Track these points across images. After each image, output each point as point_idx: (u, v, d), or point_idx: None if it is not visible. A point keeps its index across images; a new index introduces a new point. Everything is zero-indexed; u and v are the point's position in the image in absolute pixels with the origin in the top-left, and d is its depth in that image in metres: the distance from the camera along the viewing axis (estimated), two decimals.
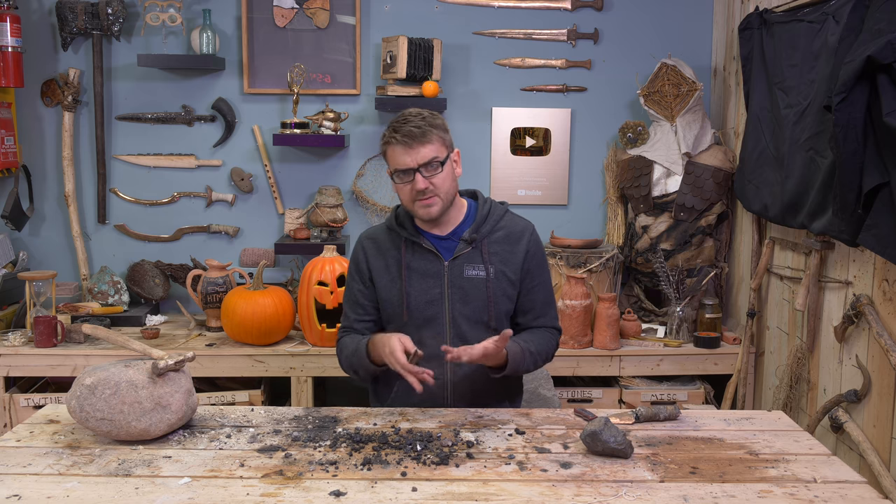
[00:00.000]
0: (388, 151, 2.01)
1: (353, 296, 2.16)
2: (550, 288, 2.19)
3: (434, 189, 1.99)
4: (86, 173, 3.44)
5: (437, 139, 1.99)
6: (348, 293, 2.19)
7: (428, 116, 2.00)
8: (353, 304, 2.16)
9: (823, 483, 1.62)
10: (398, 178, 2.00)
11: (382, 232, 2.16)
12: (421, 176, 1.97)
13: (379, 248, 2.14)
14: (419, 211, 2.02)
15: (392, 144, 1.99)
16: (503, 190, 3.49)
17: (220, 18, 3.37)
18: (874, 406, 2.28)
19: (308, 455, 1.72)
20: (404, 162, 1.97)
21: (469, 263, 2.08)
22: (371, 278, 2.13)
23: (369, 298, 2.14)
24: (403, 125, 1.97)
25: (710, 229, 3.23)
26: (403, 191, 2.01)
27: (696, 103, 3.21)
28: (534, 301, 2.15)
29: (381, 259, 2.12)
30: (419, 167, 1.97)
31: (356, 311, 2.16)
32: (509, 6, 3.44)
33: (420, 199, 2.00)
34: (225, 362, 2.95)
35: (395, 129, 1.98)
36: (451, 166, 2.03)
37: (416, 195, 1.99)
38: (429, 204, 2.00)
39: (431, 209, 2.01)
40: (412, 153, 1.96)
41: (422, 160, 1.97)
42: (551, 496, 1.55)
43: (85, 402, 1.75)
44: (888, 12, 2.07)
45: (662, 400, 3.04)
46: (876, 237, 2.10)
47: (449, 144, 2.04)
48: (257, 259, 3.39)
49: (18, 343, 2.97)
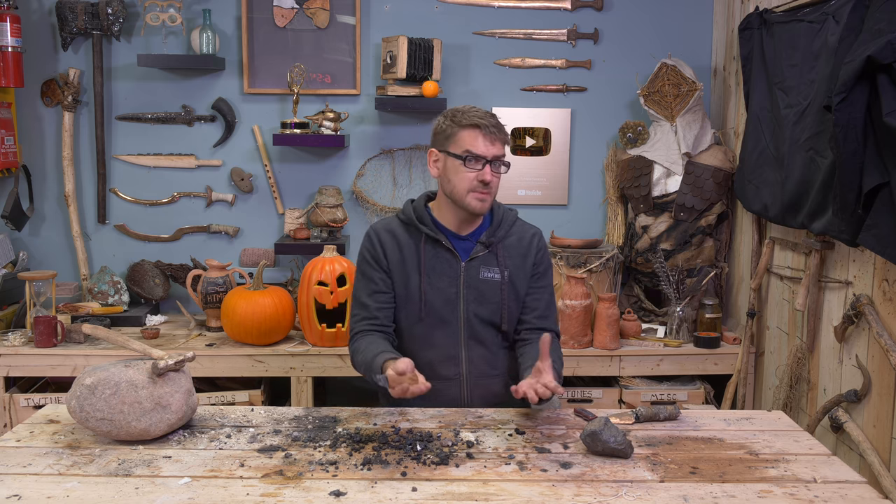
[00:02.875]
0: (465, 134, 2.00)
1: (373, 284, 2.10)
2: (553, 291, 2.23)
3: (491, 187, 2.02)
4: (86, 173, 3.44)
5: (507, 142, 2.06)
6: (364, 284, 2.12)
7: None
8: (373, 294, 2.10)
9: (823, 483, 1.62)
10: (469, 163, 2.00)
11: (398, 226, 2.13)
12: (490, 168, 2.00)
13: (397, 241, 2.11)
14: (472, 202, 2.02)
15: (475, 129, 2.00)
16: (503, 190, 3.48)
17: (220, 18, 3.37)
18: (874, 406, 2.28)
19: (308, 455, 1.72)
20: (483, 149, 1.99)
21: (485, 265, 2.09)
22: (387, 270, 2.11)
23: (390, 287, 2.11)
24: (489, 117, 2.02)
25: (710, 229, 3.23)
26: (465, 177, 2.00)
27: (696, 103, 3.21)
28: (539, 301, 2.17)
29: (397, 253, 2.10)
30: (493, 159, 2.00)
31: (377, 300, 2.10)
32: (509, 6, 3.44)
33: (480, 190, 2.01)
34: (225, 362, 2.95)
35: (480, 117, 2.00)
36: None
37: (476, 185, 2.00)
38: (484, 198, 2.02)
39: (485, 204, 2.03)
40: (494, 144, 2.01)
41: (498, 154, 2.01)
42: (551, 496, 1.55)
43: (85, 402, 1.75)
44: (888, 12, 2.07)
45: (662, 400, 3.04)
46: (876, 237, 2.10)
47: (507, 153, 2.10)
48: (257, 259, 3.39)
49: (18, 343, 2.97)
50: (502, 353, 2.16)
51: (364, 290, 2.12)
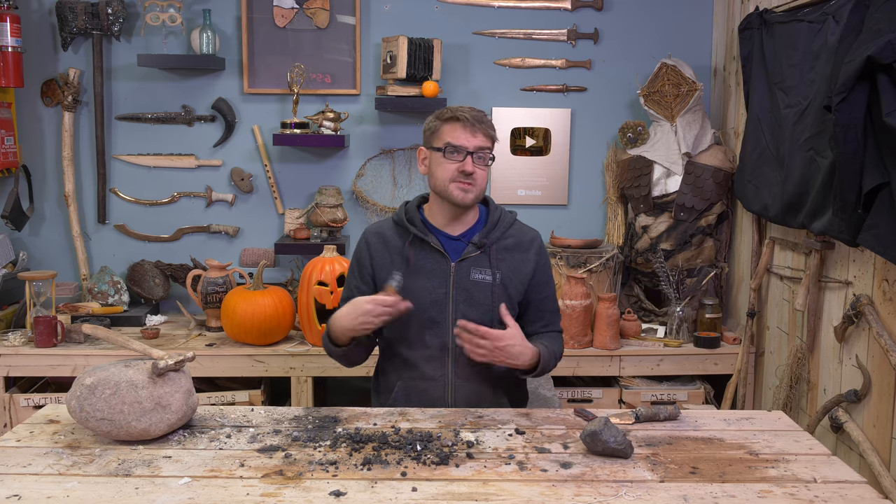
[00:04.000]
0: (446, 128, 2.02)
1: (350, 292, 2.15)
2: (556, 296, 2.22)
3: (475, 178, 2.01)
4: (86, 173, 3.44)
5: (491, 136, 2.05)
6: (346, 288, 2.19)
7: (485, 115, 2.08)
8: (346, 300, 2.13)
9: (823, 483, 1.62)
10: (448, 153, 2.01)
11: (389, 227, 2.15)
12: (472, 159, 2.00)
13: (385, 243, 2.12)
14: (454, 192, 2.02)
15: (455, 121, 2.01)
16: (503, 190, 3.49)
17: (220, 18, 3.37)
18: (874, 406, 2.28)
19: (308, 455, 1.72)
20: (462, 141, 2.00)
21: (476, 267, 2.08)
22: (373, 275, 2.13)
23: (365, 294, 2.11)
24: (472, 111, 2.02)
25: (710, 229, 3.23)
26: (447, 168, 2.01)
27: (696, 103, 3.21)
28: (543, 311, 2.17)
29: (386, 254, 2.11)
30: (474, 150, 2.00)
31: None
32: (509, 6, 3.44)
33: (461, 180, 2.01)
34: (225, 362, 2.95)
35: (460, 109, 2.02)
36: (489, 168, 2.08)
37: (458, 175, 2.00)
38: (467, 189, 2.02)
39: (468, 195, 2.02)
40: (472, 136, 2.01)
41: (479, 145, 2.01)
42: (551, 496, 1.55)
43: (85, 402, 1.75)
44: (888, 12, 2.07)
45: (662, 400, 3.05)
46: (876, 237, 2.10)
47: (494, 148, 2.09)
48: (257, 259, 3.39)
49: (18, 343, 2.97)
50: None
51: (344, 295, 2.20)
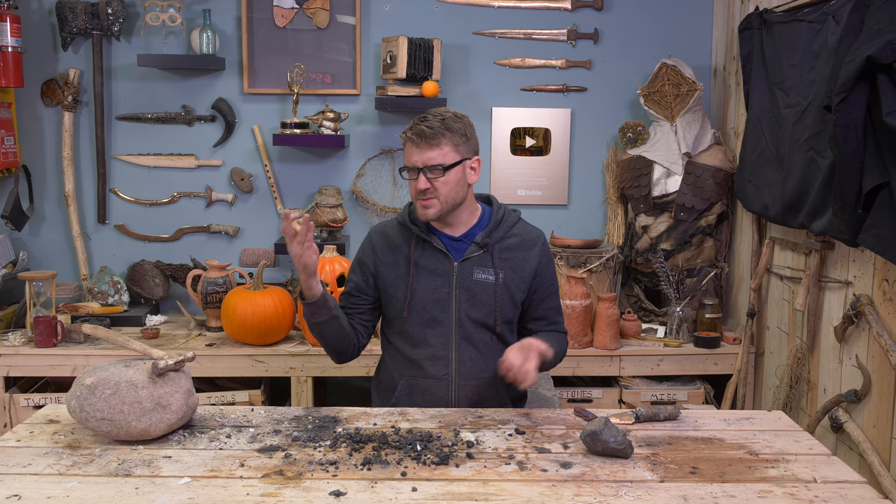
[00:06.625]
0: (406, 147, 2.04)
1: (348, 286, 2.19)
2: (559, 295, 2.23)
3: (434, 192, 2.00)
4: (86, 173, 3.44)
5: (448, 143, 1.99)
6: (347, 282, 2.21)
7: (448, 119, 2.00)
8: (346, 294, 2.19)
9: (823, 483, 1.62)
10: (406, 174, 2.04)
11: (394, 227, 2.17)
12: (424, 177, 1.99)
13: (389, 242, 2.14)
14: (418, 209, 2.05)
15: (407, 142, 2.02)
16: (503, 190, 3.49)
17: (220, 18, 3.37)
18: (874, 406, 2.28)
19: (308, 455, 1.72)
20: (412, 160, 2.01)
21: (479, 266, 2.09)
22: (374, 274, 2.14)
23: (363, 292, 2.16)
24: (419, 123, 2.00)
25: (710, 229, 3.23)
26: (411, 187, 2.05)
27: (696, 103, 3.21)
28: (547, 310, 2.18)
29: (390, 254, 2.13)
30: (424, 167, 1.99)
31: (347, 300, 2.18)
32: (509, 6, 3.44)
33: (420, 198, 2.02)
34: (225, 362, 2.95)
35: (411, 127, 2.01)
36: (461, 172, 2.03)
37: (417, 194, 2.02)
38: (427, 206, 2.02)
39: (428, 211, 2.02)
40: (420, 153, 1.99)
41: (427, 162, 1.98)
42: (551, 496, 1.55)
43: (85, 402, 1.75)
44: (888, 12, 2.07)
45: (662, 400, 3.04)
46: (876, 237, 2.10)
47: (465, 150, 2.03)
48: (257, 259, 3.39)
49: (18, 343, 2.97)
50: (494, 357, 2.10)
51: (344, 291, 2.22)
